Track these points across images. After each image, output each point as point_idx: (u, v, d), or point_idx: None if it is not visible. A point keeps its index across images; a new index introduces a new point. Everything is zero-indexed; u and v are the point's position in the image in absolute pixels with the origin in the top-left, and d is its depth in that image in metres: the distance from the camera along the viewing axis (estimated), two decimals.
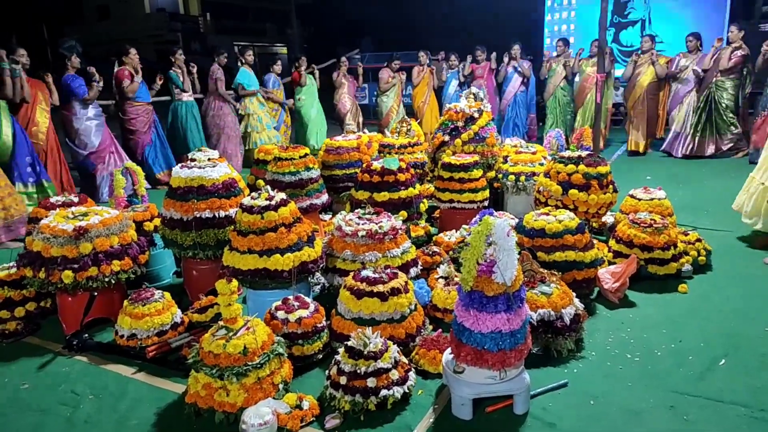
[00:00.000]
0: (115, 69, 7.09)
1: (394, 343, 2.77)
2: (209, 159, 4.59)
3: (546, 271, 3.19)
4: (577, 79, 9.20)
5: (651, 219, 3.88)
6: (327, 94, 9.75)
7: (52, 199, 4.00)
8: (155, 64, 8.10)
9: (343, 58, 9.95)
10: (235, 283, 2.56)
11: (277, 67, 9.03)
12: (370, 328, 2.70)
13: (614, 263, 3.87)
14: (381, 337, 2.65)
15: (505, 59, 9.59)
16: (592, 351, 2.98)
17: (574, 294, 3.12)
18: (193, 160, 4.58)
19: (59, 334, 3.33)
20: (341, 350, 2.62)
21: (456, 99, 9.44)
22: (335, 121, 9.96)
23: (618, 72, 9.80)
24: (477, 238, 2.35)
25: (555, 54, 9.48)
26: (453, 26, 13.23)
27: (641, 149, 8.67)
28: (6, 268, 3.54)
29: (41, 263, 3.17)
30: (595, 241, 3.62)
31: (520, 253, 2.48)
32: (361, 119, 10.02)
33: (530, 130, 10.12)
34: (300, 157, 4.57)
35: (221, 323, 2.61)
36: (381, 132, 7.17)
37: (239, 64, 8.49)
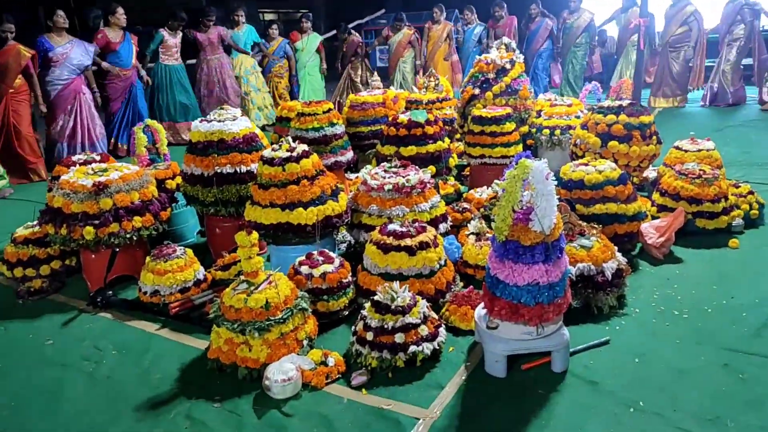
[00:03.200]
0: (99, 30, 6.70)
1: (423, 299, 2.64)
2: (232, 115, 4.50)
3: (585, 224, 2.98)
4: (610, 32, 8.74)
5: (700, 169, 3.61)
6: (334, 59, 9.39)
7: (74, 158, 3.93)
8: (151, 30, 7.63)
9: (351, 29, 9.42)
10: (255, 235, 2.44)
11: (272, 32, 8.52)
12: (398, 282, 2.56)
13: (658, 218, 3.63)
14: (409, 291, 2.51)
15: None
16: (636, 308, 2.79)
17: (616, 248, 2.91)
18: None
19: (84, 291, 3.30)
20: (367, 305, 2.49)
21: (473, 57, 9.06)
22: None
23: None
24: (513, 182, 2.16)
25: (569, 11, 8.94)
26: None
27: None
28: (30, 226, 3.51)
29: (62, 219, 3.11)
30: (638, 194, 3.38)
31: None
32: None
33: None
34: (324, 112, 4.39)
35: (242, 277, 2.51)
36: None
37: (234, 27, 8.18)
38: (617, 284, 2.76)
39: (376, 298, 2.47)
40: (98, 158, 3.96)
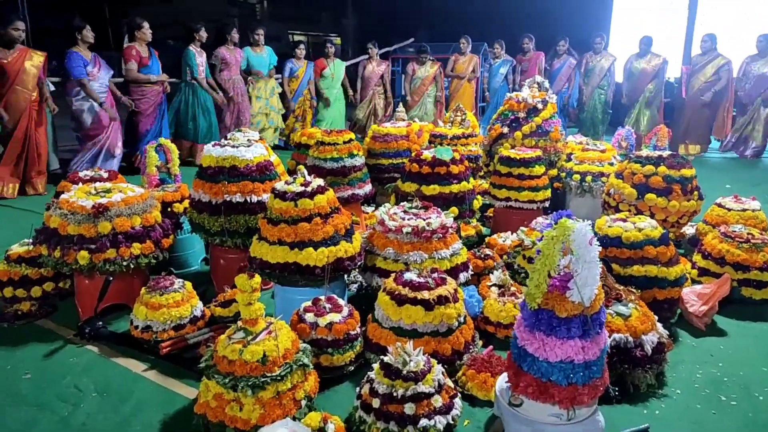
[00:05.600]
0: (125, 45, 6.55)
1: (438, 362, 2.36)
2: (248, 140, 4.32)
3: (622, 287, 2.69)
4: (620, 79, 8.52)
5: (748, 233, 3.30)
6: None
7: (81, 173, 3.77)
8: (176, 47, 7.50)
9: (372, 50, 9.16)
10: (257, 279, 2.20)
11: (300, 52, 8.29)
12: (412, 341, 2.29)
13: (699, 282, 3.32)
14: (424, 353, 2.24)
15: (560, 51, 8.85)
16: (677, 388, 2.48)
17: (656, 317, 2.62)
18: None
19: (75, 318, 3.08)
20: (376, 366, 2.23)
21: (502, 92, 8.83)
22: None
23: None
24: (551, 244, 1.90)
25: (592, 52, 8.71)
26: (519, 18, 12.42)
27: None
28: (26, 243, 3.32)
29: (57, 241, 2.92)
30: (681, 258, 3.08)
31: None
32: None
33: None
34: (344, 143, 4.20)
35: (240, 324, 2.26)
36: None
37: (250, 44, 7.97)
38: (657, 360, 2.46)
39: (386, 359, 2.20)
40: (106, 175, 3.79)
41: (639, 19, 11.41)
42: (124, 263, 2.94)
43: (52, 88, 6.16)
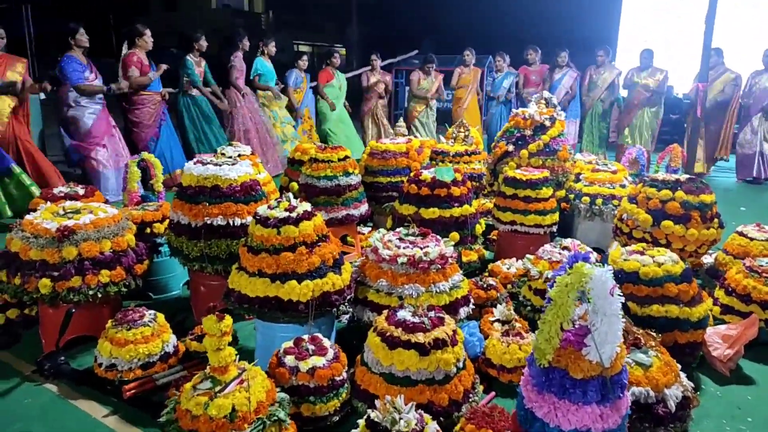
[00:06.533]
0: (123, 51, 6.18)
1: (433, 415, 2.09)
2: (239, 155, 4.08)
3: (641, 330, 2.41)
4: (623, 93, 8.26)
5: None
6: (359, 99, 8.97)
7: (55, 190, 3.52)
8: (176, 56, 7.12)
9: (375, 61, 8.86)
10: (227, 321, 1.94)
11: (302, 63, 7.94)
12: (402, 396, 2.01)
13: (722, 321, 3.04)
14: (416, 410, 1.96)
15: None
16: None
17: (679, 366, 2.33)
18: (222, 155, 4.07)
19: (38, 350, 2.81)
20: (361, 424, 1.95)
21: (505, 106, 8.67)
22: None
23: None
24: (564, 293, 1.63)
25: (595, 66, 8.48)
26: (525, 30, 12.25)
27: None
28: None
29: (18, 267, 2.66)
30: (704, 294, 2.80)
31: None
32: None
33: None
34: (339, 160, 3.95)
35: (208, 371, 2.00)
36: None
37: (260, 54, 7.57)
38: (682, 417, 2.18)
39: (372, 416, 1.93)
40: (82, 192, 3.54)
41: (649, 31, 11.25)
42: (91, 292, 2.68)
43: (43, 96, 5.92)
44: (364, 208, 4.11)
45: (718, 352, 2.70)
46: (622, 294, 1.64)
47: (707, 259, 3.92)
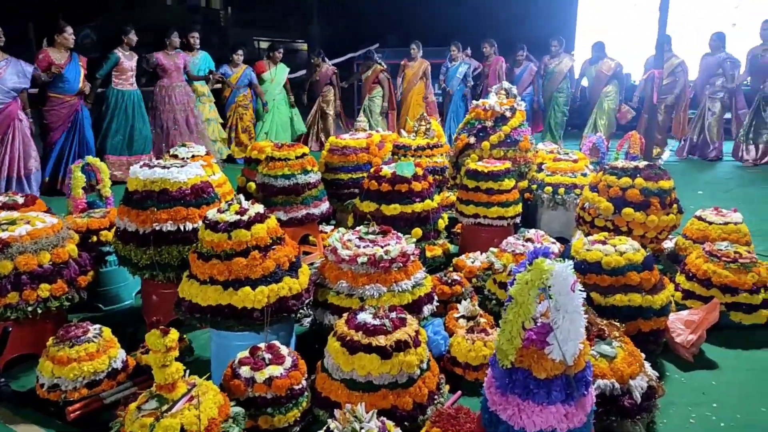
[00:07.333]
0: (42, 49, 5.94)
1: (397, 421, 2.01)
2: (192, 156, 3.93)
3: (605, 321, 2.38)
4: (585, 83, 8.49)
5: (735, 252, 3.05)
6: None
7: None
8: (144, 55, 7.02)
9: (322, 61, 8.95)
10: (173, 335, 1.81)
11: (237, 57, 7.83)
12: (363, 405, 1.92)
13: (683, 306, 3.05)
14: (379, 417, 1.88)
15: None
16: None
17: (643, 355, 2.31)
18: (174, 156, 3.92)
19: None
20: None
21: (459, 94, 8.83)
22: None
23: None
24: (525, 290, 1.56)
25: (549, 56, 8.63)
26: (485, 22, 12.30)
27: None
28: None
29: None
30: (666, 280, 2.80)
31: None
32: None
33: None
34: (296, 158, 3.83)
35: (154, 389, 1.87)
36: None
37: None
38: (648, 408, 2.15)
39: (332, 427, 1.84)
40: (21, 201, 3.33)
41: (606, 21, 11.42)
42: (30, 308, 2.50)
43: None
44: (325, 206, 4.00)
45: (681, 338, 2.70)
46: (583, 289, 1.58)
47: (668, 244, 3.96)
